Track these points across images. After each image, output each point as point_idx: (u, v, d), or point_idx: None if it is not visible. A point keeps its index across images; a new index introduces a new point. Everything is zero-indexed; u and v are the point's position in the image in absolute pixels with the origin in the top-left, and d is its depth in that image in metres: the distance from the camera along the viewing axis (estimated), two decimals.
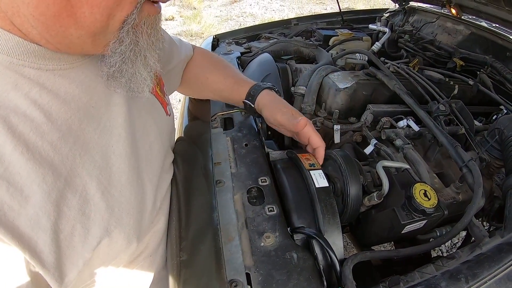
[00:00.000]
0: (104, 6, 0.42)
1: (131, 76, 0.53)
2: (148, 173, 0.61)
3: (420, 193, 0.72)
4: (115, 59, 0.50)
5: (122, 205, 0.52)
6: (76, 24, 0.43)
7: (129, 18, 0.46)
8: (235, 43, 1.68)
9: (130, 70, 0.52)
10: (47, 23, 0.42)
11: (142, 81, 0.55)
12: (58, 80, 0.48)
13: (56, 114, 0.46)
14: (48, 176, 0.43)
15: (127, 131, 0.57)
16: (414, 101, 1.04)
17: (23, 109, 0.43)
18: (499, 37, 1.42)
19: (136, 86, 0.55)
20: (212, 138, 0.88)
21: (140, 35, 0.50)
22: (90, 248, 0.47)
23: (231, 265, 0.58)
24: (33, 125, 0.43)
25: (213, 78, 0.93)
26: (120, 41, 0.48)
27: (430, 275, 0.62)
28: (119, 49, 0.49)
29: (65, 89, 0.48)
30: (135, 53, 0.51)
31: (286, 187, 0.73)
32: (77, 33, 0.44)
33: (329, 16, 2.08)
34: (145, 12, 0.48)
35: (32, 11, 0.40)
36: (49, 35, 0.43)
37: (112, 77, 0.53)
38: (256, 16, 6.66)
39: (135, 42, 0.50)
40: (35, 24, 0.42)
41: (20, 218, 0.40)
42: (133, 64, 0.52)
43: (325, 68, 1.19)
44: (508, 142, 0.91)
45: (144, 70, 0.54)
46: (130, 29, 0.47)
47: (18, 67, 0.44)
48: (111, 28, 0.46)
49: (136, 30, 0.49)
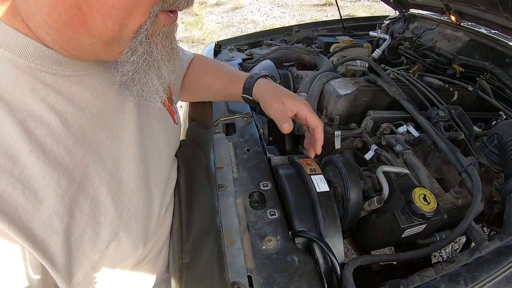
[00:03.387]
0: (116, 16, 0.42)
1: (143, 85, 0.53)
2: (156, 180, 0.62)
3: (420, 198, 0.73)
4: (128, 68, 0.50)
5: (130, 210, 0.53)
6: (88, 33, 0.43)
7: (142, 28, 0.45)
8: (237, 49, 1.70)
9: (142, 80, 0.52)
10: (59, 30, 0.42)
11: (155, 91, 0.55)
12: (73, 86, 0.49)
13: (71, 119, 0.47)
14: (63, 180, 0.44)
15: (138, 139, 0.58)
16: (414, 107, 1.05)
17: (40, 114, 0.44)
18: (498, 44, 1.43)
19: (148, 96, 0.55)
20: (215, 143, 0.89)
21: (154, 46, 0.50)
22: (99, 251, 0.48)
23: (233, 267, 0.59)
24: (49, 129, 0.44)
25: (211, 80, 0.95)
26: (132, 50, 0.48)
27: (429, 278, 0.63)
28: (131, 59, 0.48)
29: (80, 96, 0.49)
30: (148, 63, 0.50)
31: (288, 192, 0.74)
32: (90, 41, 0.44)
33: (330, 23, 2.10)
34: (161, 22, 0.48)
35: (44, 17, 0.41)
36: (62, 42, 0.44)
37: (125, 85, 0.53)
38: (258, 23, 6.71)
39: (149, 52, 0.49)
40: (48, 30, 0.43)
41: (34, 220, 0.41)
42: (146, 74, 0.52)
43: (326, 74, 1.20)
44: (507, 147, 0.92)
45: (158, 80, 0.54)
46: (144, 39, 0.47)
47: (36, 72, 0.45)
48: (124, 37, 0.46)
49: (150, 40, 0.48)
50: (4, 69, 0.42)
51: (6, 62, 0.43)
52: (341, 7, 5.79)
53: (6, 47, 0.43)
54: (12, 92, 0.42)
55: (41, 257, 0.42)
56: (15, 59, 0.43)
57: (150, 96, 0.56)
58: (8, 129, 0.40)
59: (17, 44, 0.43)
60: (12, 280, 0.41)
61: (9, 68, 0.43)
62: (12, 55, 0.43)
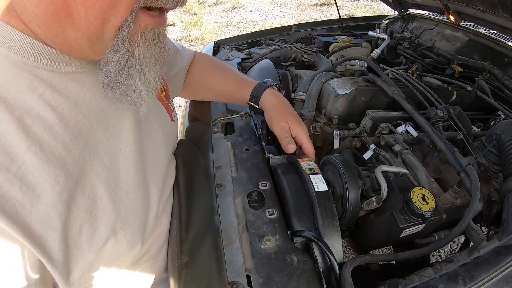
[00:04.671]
0: (98, 8, 0.43)
1: (127, 88, 0.53)
2: (153, 177, 0.62)
3: (418, 197, 0.73)
4: (111, 68, 0.50)
5: (128, 207, 0.53)
6: (73, 25, 0.43)
7: (124, 25, 0.46)
8: (235, 49, 1.70)
9: (125, 82, 0.52)
10: (48, 22, 0.43)
11: (138, 95, 0.55)
12: (70, 83, 0.49)
13: (68, 116, 0.47)
14: (60, 176, 0.44)
15: (135, 136, 0.58)
16: (412, 107, 1.05)
17: (37, 110, 0.44)
18: (497, 44, 1.43)
19: (132, 100, 0.55)
20: (213, 143, 0.89)
21: (136, 46, 0.50)
22: (96, 248, 0.48)
23: (231, 267, 0.59)
24: (46, 125, 0.44)
25: (216, 80, 0.95)
26: (115, 50, 0.48)
27: (428, 278, 0.63)
28: (114, 58, 0.49)
29: (76, 92, 0.50)
30: (131, 64, 0.50)
31: (286, 191, 0.74)
32: (75, 35, 0.45)
33: (329, 23, 2.10)
34: (142, 22, 0.48)
35: (35, 10, 0.42)
36: (51, 35, 0.45)
37: (108, 86, 0.52)
38: (257, 22, 6.71)
39: (131, 52, 0.49)
40: (39, 23, 0.43)
41: (32, 216, 0.41)
42: (129, 77, 0.52)
43: (325, 74, 1.20)
44: (505, 147, 0.92)
45: (142, 84, 0.54)
46: (126, 37, 0.47)
47: (33, 69, 0.45)
48: (106, 35, 0.46)
49: (132, 40, 0.48)
50: (1, 66, 0.43)
51: (4, 59, 0.43)
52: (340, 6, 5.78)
53: (3, 44, 0.43)
54: (10, 89, 0.42)
55: (39, 253, 0.42)
56: (12, 56, 0.43)
57: (134, 99, 0.55)
58: (5, 126, 0.41)
59: (14, 41, 0.44)
60: (10, 278, 0.41)
61: (6, 65, 0.43)
62: (9, 52, 0.43)
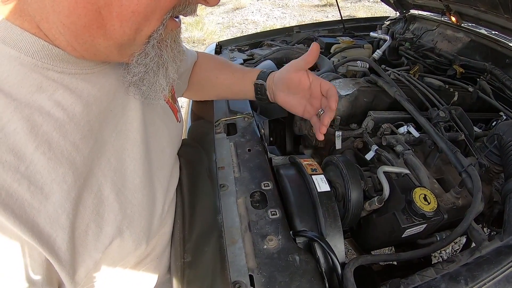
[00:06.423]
0: (134, 21, 0.44)
1: (151, 85, 0.56)
2: (159, 177, 0.63)
3: (420, 197, 0.73)
4: (139, 70, 0.52)
5: (134, 207, 0.54)
6: (105, 35, 0.45)
7: (156, 33, 0.48)
8: (237, 50, 1.71)
9: (151, 80, 0.55)
10: (76, 32, 0.43)
11: (161, 91, 0.58)
12: (80, 83, 0.49)
13: (79, 115, 0.48)
14: (68, 175, 0.45)
15: (142, 136, 0.59)
16: (414, 108, 1.05)
17: (47, 109, 0.44)
18: (498, 44, 1.43)
19: (154, 94, 0.58)
20: (216, 143, 0.90)
21: (164, 49, 0.53)
22: (102, 247, 0.49)
23: (234, 267, 0.59)
24: (56, 124, 0.45)
25: (223, 76, 0.96)
26: (146, 54, 0.50)
27: (430, 277, 0.63)
28: (144, 61, 0.51)
29: (88, 92, 0.50)
30: (158, 65, 0.53)
31: (289, 192, 0.75)
32: (105, 43, 0.46)
33: (330, 24, 2.10)
34: (169, 27, 0.51)
35: (62, 19, 0.42)
36: (77, 43, 0.45)
37: (134, 85, 0.56)
38: (258, 23, 6.71)
39: (159, 55, 0.52)
40: (63, 31, 0.43)
41: (40, 215, 0.41)
42: (155, 75, 0.55)
43: (326, 75, 1.20)
44: (507, 148, 0.92)
45: (164, 80, 0.57)
46: (156, 43, 0.50)
47: (43, 70, 0.45)
48: (137, 41, 0.48)
49: (161, 44, 0.51)
50: (11, 67, 0.43)
51: (14, 61, 0.43)
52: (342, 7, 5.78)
53: (13, 46, 0.43)
54: (20, 90, 0.43)
55: (48, 253, 0.42)
56: (22, 57, 0.44)
57: (156, 94, 0.58)
58: (14, 125, 0.41)
59: (24, 42, 0.44)
60: (18, 279, 0.41)
61: (16, 66, 0.43)
62: (19, 54, 0.43)
